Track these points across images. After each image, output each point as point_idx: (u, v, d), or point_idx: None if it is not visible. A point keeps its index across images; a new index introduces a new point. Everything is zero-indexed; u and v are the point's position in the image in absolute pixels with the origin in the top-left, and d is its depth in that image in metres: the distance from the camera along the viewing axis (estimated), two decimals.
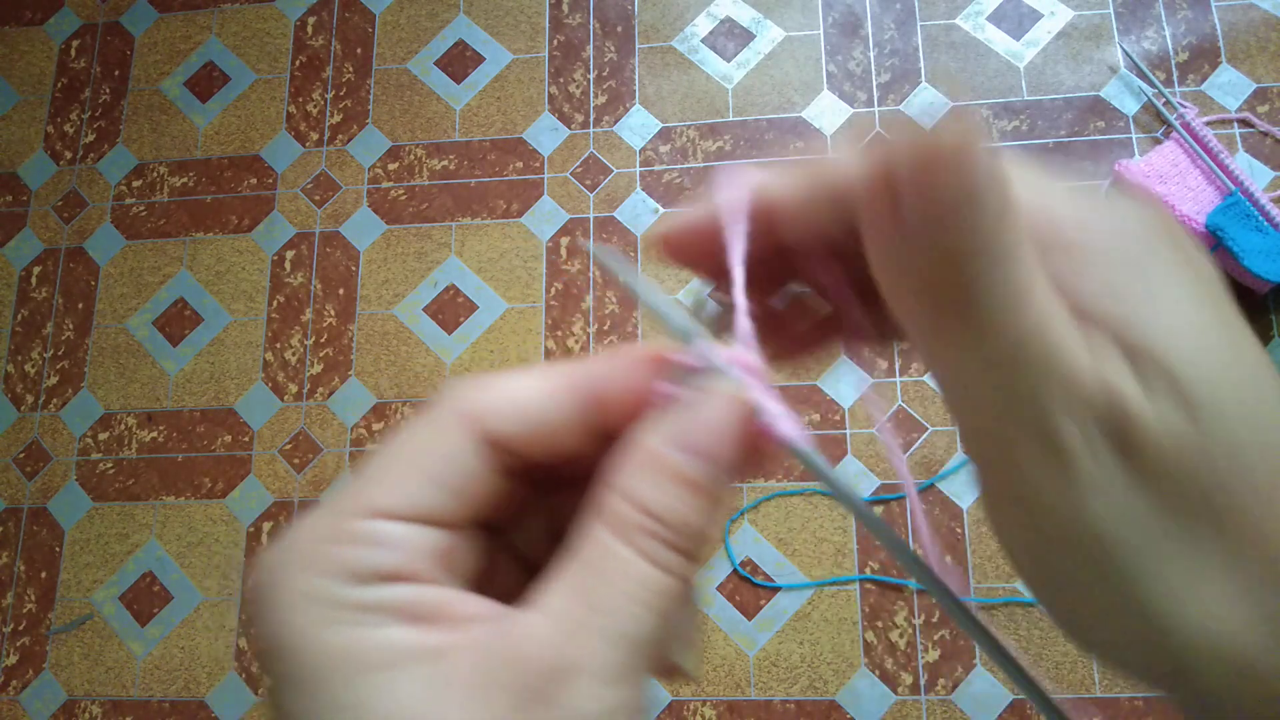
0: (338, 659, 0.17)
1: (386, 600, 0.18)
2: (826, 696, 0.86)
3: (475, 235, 1.04)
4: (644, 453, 0.19)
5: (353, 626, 0.17)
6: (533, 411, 0.20)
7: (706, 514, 0.19)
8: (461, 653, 0.17)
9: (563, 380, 0.20)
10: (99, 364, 1.06)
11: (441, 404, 0.20)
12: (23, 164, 1.15)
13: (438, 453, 0.19)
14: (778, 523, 0.91)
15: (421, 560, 0.19)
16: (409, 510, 0.19)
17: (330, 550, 0.18)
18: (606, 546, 0.18)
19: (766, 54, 1.05)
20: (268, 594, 0.18)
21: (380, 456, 0.20)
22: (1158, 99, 0.96)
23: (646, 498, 0.19)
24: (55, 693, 0.96)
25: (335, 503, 0.19)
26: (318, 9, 1.15)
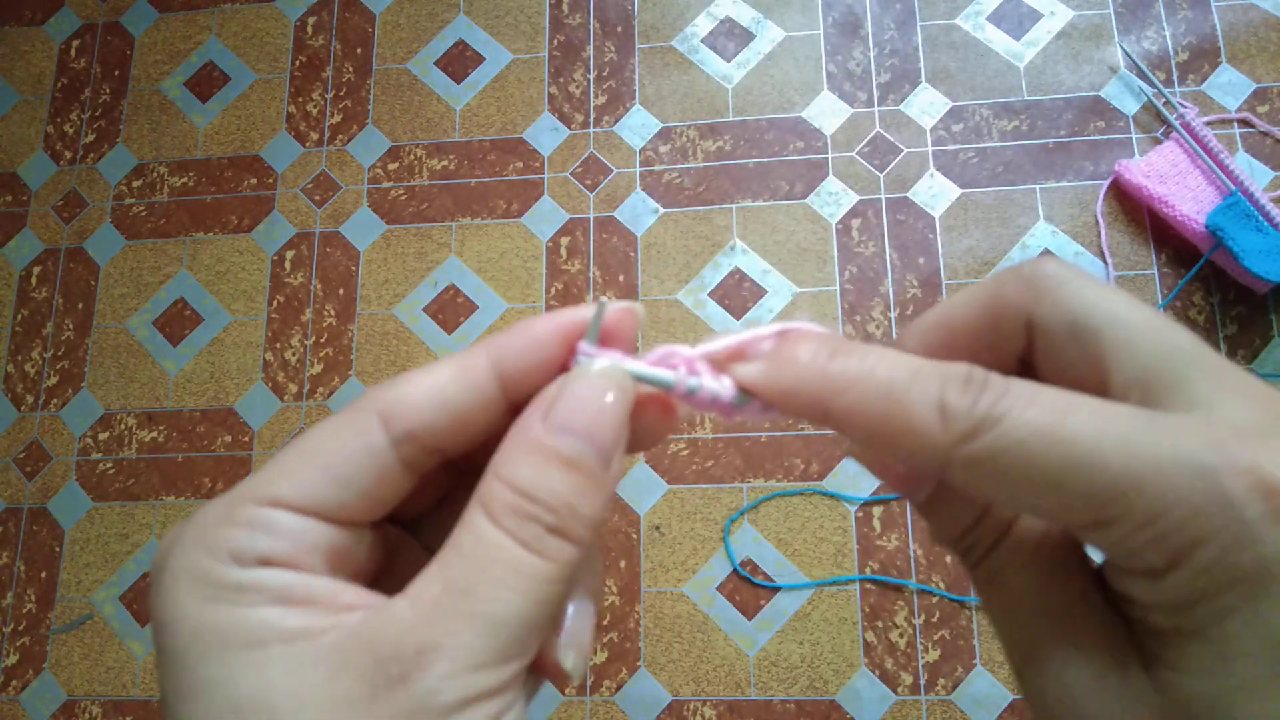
0: (208, 635, 0.17)
1: (262, 582, 0.18)
2: (826, 696, 0.86)
3: (475, 235, 1.04)
4: (521, 434, 0.19)
5: (228, 605, 0.17)
6: (447, 399, 0.20)
7: (587, 494, 0.19)
8: (327, 635, 0.17)
9: (472, 363, 0.20)
10: (99, 364, 1.06)
11: (358, 401, 0.20)
12: (23, 164, 1.15)
13: (342, 450, 0.19)
14: (778, 523, 0.91)
15: (307, 552, 0.19)
16: (302, 503, 0.19)
17: (219, 531, 0.18)
18: (477, 529, 0.18)
19: (766, 54, 1.05)
20: (158, 570, 0.18)
21: (290, 449, 0.20)
22: (1158, 99, 0.96)
23: (520, 478, 0.18)
24: (55, 693, 0.96)
25: (235, 490, 0.19)
26: (318, 9, 1.15)
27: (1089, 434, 0.16)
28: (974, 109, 1.01)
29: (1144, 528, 0.15)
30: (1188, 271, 0.91)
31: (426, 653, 0.17)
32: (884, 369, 0.18)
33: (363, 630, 0.18)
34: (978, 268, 0.96)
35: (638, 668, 0.89)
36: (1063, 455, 0.16)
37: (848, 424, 0.18)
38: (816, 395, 0.19)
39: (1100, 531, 0.16)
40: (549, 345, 0.20)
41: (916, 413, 0.17)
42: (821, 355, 0.19)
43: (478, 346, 0.21)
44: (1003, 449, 0.16)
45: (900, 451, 0.18)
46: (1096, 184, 0.96)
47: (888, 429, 0.18)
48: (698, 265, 0.99)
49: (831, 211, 0.99)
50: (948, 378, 0.18)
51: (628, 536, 0.92)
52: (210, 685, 0.17)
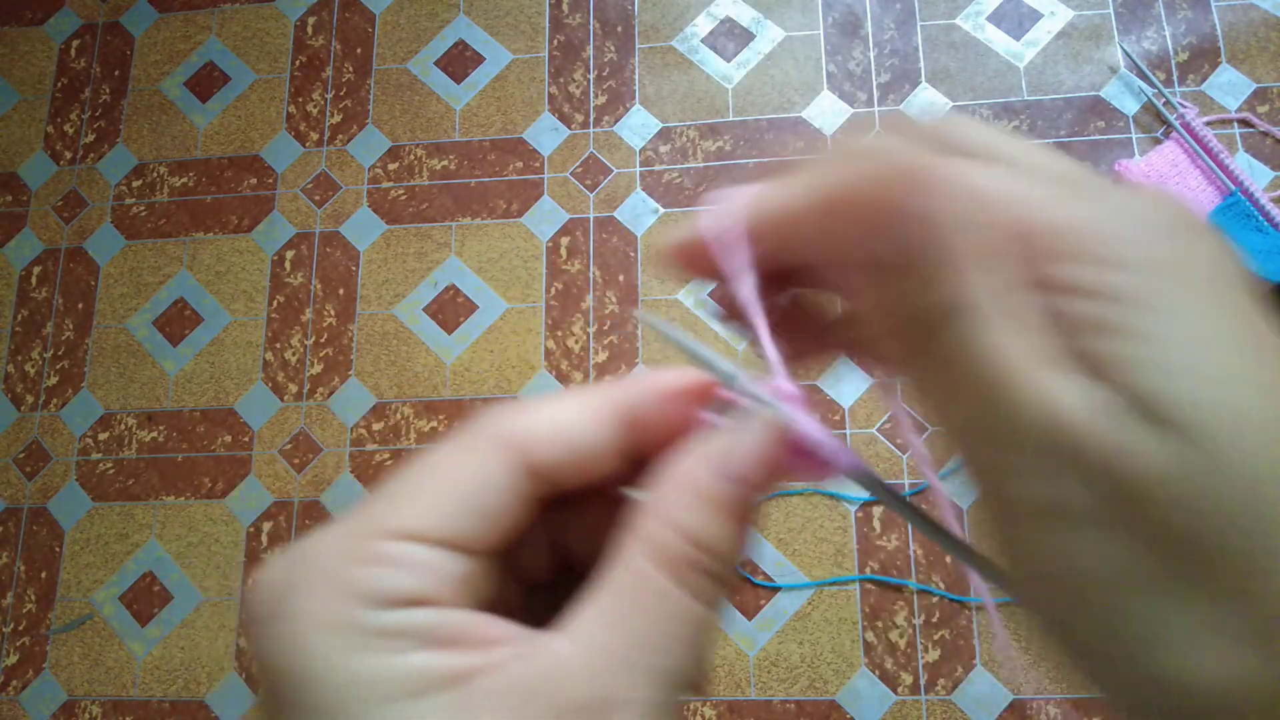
0: (361, 687, 0.16)
1: (410, 625, 0.17)
2: (826, 696, 0.86)
3: (475, 235, 1.04)
4: (687, 479, 0.19)
5: (375, 653, 0.16)
6: (575, 439, 0.19)
7: (744, 542, 0.19)
8: (490, 678, 0.17)
9: (601, 405, 0.20)
10: (99, 364, 1.06)
11: (479, 428, 0.19)
12: (23, 164, 1.15)
13: (472, 478, 0.19)
14: (778, 523, 0.91)
15: (445, 585, 0.18)
16: (435, 534, 0.18)
17: (349, 571, 0.17)
18: (646, 576, 0.18)
19: (766, 54, 1.06)
20: (277, 616, 0.17)
21: (407, 476, 0.19)
22: (1158, 99, 0.96)
23: (690, 525, 0.18)
24: (55, 693, 0.96)
25: (354, 521, 0.18)
26: (318, 9, 1.15)
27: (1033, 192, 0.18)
28: (974, 109, 1.01)
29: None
30: None
31: (610, 707, 0.16)
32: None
33: (531, 674, 0.17)
34: None
35: None
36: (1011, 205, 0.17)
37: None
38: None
39: None
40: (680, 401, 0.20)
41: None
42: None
43: (604, 389, 0.20)
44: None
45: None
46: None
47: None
48: None
49: None
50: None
51: None
52: None
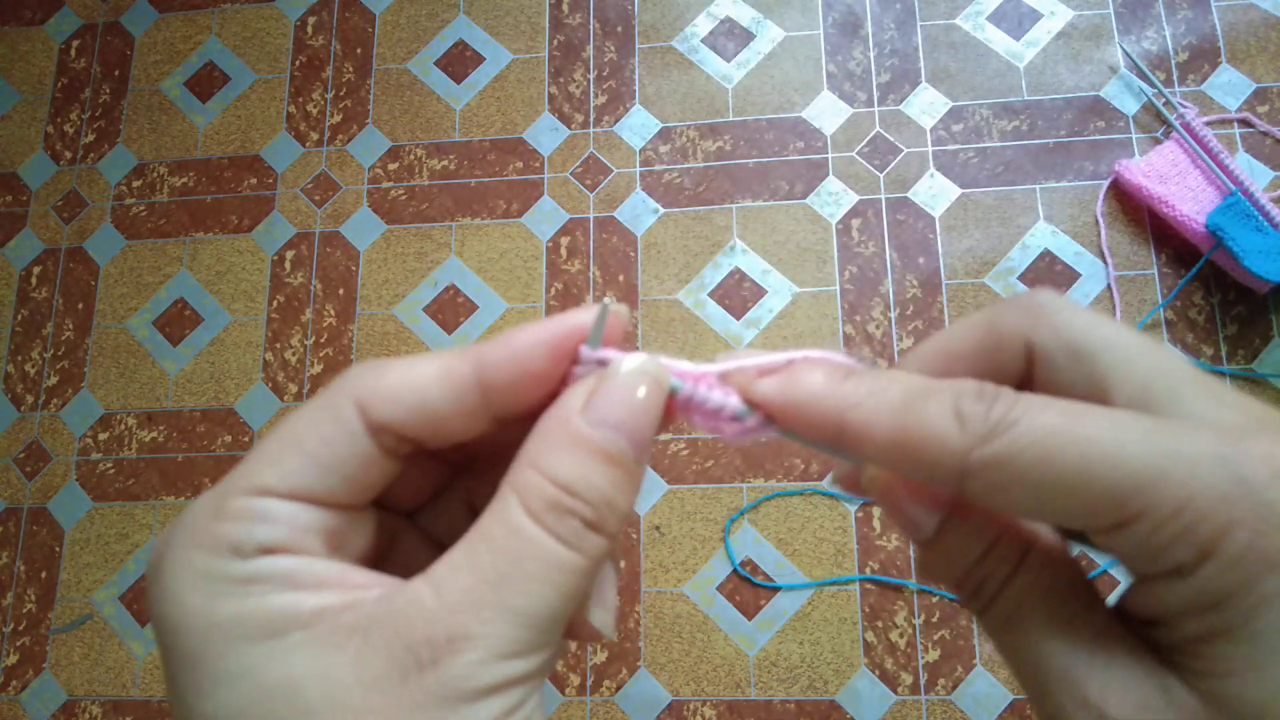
0: (224, 629, 0.17)
1: (269, 571, 0.18)
2: (826, 696, 0.86)
3: (475, 235, 1.04)
4: (559, 426, 0.19)
5: (238, 598, 0.17)
6: (417, 397, 0.20)
7: (624, 489, 0.19)
8: (345, 615, 0.17)
9: (456, 366, 0.20)
10: (99, 364, 1.06)
11: (334, 387, 0.20)
12: (23, 164, 1.15)
13: (321, 435, 0.19)
14: (778, 523, 0.91)
15: (305, 536, 0.19)
16: (291, 489, 0.19)
17: (213, 526, 0.18)
18: (512, 521, 0.18)
19: (766, 54, 1.05)
20: (156, 572, 0.18)
21: (269, 438, 0.20)
22: (1158, 99, 0.96)
23: (560, 470, 0.18)
24: (55, 693, 0.96)
25: (222, 484, 0.19)
26: (318, 9, 1.15)
27: (1106, 432, 0.16)
28: (974, 109, 1.01)
29: (1170, 520, 0.15)
30: (1188, 271, 0.91)
31: (458, 640, 0.17)
32: (897, 386, 0.19)
33: (386, 612, 0.18)
34: (978, 268, 0.96)
35: (638, 668, 0.89)
36: (1082, 452, 0.16)
37: (863, 437, 0.19)
38: (831, 411, 0.19)
39: (1124, 531, 0.16)
40: (536, 357, 0.20)
41: (933, 419, 0.18)
42: (836, 376, 0.20)
43: (463, 351, 0.21)
44: (1022, 448, 0.16)
45: (918, 463, 0.18)
46: (1096, 184, 0.96)
47: (904, 439, 0.18)
48: (698, 265, 0.99)
49: (831, 211, 0.99)
50: (961, 390, 0.18)
51: (628, 536, 0.92)
52: (234, 678, 0.17)
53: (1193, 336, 0.91)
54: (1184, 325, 0.91)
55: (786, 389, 0.20)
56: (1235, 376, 0.89)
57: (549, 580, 0.18)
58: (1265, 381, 0.88)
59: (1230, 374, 0.89)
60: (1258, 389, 0.88)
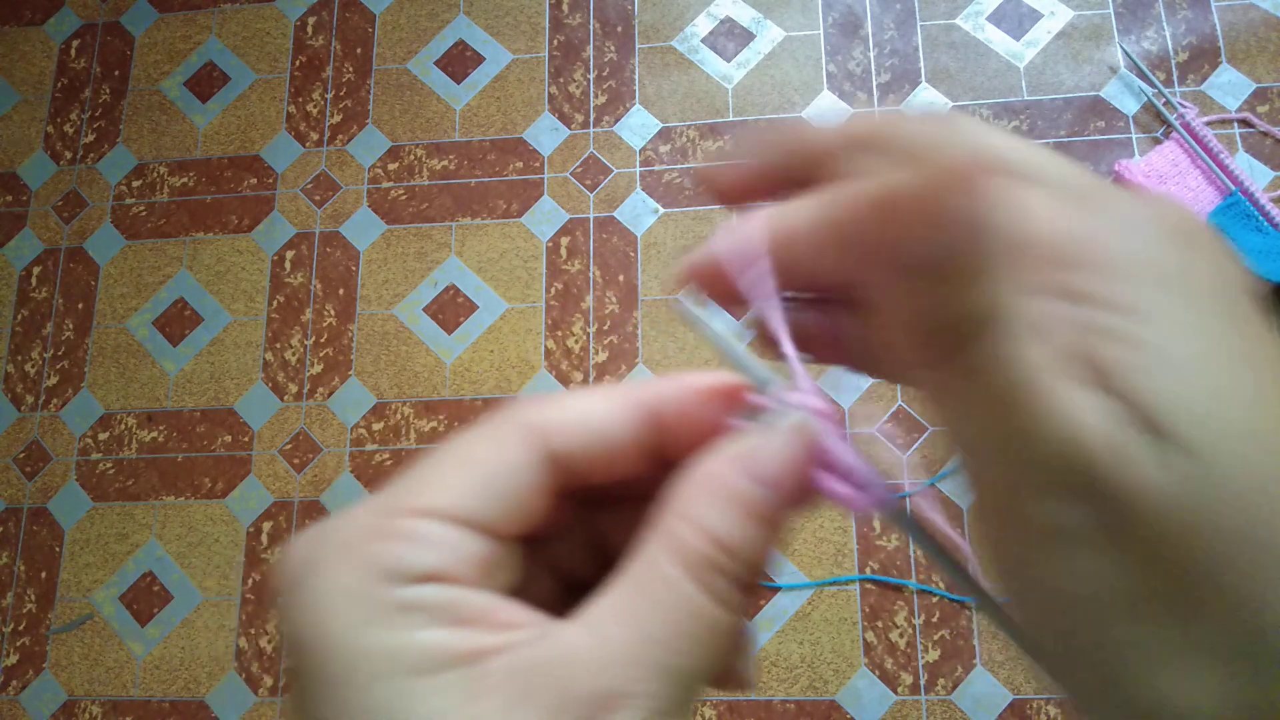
0: (373, 660, 0.16)
1: (426, 601, 0.17)
2: (826, 696, 0.86)
3: (475, 235, 1.04)
4: (713, 479, 0.19)
5: (390, 628, 0.17)
6: (597, 431, 0.20)
7: (770, 551, 0.19)
8: (499, 659, 0.17)
9: (628, 401, 0.20)
10: (99, 364, 1.06)
11: (505, 415, 0.20)
12: (23, 164, 1.15)
13: (495, 461, 0.19)
14: None
15: (464, 565, 0.18)
16: (457, 513, 0.18)
17: (371, 546, 0.17)
18: (666, 574, 0.18)
19: (766, 54, 1.06)
20: (301, 587, 0.17)
21: (433, 459, 0.19)
22: (1158, 99, 0.96)
23: (713, 525, 0.18)
24: (55, 693, 0.96)
25: (380, 499, 0.18)
26: (318, 9, 1.15)
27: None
28: (974, 109, 1.01)
29: None
30: None
31: (616, 699, 0.17)
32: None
33: (540, 661, 0.17)
34: None
35: None
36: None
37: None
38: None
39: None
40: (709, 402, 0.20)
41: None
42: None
43: (633, 386, 0.21)
44: None
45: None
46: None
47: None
48: None
49: None
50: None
51: None
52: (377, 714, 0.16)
53: None
54: None
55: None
56: None
57: (704, 640, 0.18)
58: None
59: None
60: None
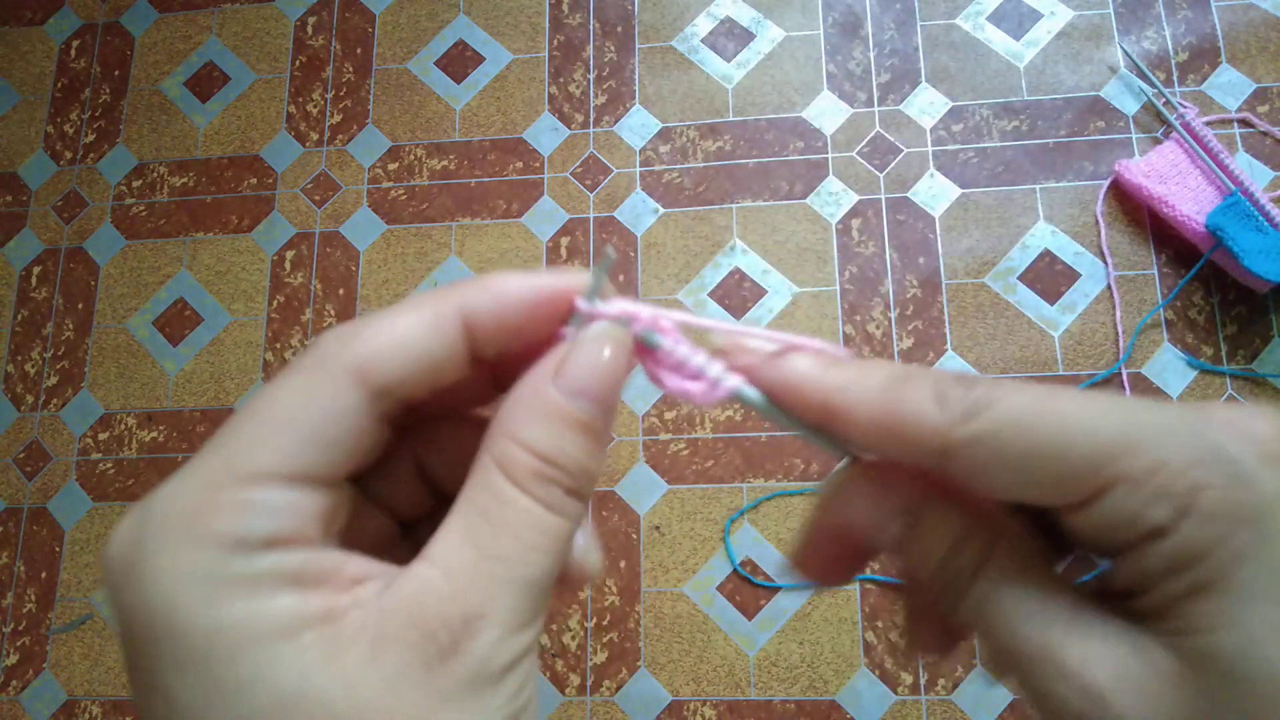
0: (230, 632, 0.16)
1: (274, 568, 0.17)
2: (826, 696, 0.86)
3: (475, 235, 1.04)
4: (536, 397, 0.19)
5: (242, 599, 0.16)
6: (415, 352, 0.19)
7: (597, 455, 0.19)
8: (358, 612, 0.17)
9: (440, 311, 0.20)
10: (99, 364, 1.06)
11: (317, 353, 0.19)
12: (23, 164, 1.15)
13: (316, 407, 0.18)
14: (778, 523, 0.91)
15: (305, 522, 0.18)
16: (289, 471, 0.18)
17: (208, 520, 0.17)
18: (502, 492, 0.18)
19: (766, 54, 1.05)
20: (134, 571, 0.17)
21: (250, 412, 0.18)
22: (1158, 99, 0.96)
23: (540, 443, 0.19)
24: (55, 693, 0.96)
25: (203, 466, 0.18)
26: (318, 9, 1.15)
27: (1079, 407, 0.17)
28: (974, 109, 1.01)
29: (1146, 481, 0.16)
30: (1188, 271, 0.91)
31: (474, 620, 0.17)
32: (881, 372, 0.19)
33: (397, 603, 0.17)
34: (978, 268, 0.96)
35: (638, 668, 0.89)
36: (1059, 424, 0.17)
37: (850, 418, 0.19)
38: (819, 393, 0.20)
39: (1102, 500, 0.17)
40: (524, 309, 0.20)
41: (916, 400, 0.18)
42: (821, 362, 0.21)
43: (444, 296, 0.20)
44: (1000, 424, 0.17)
45: (902, 440, 0.19)
46: (1096, 184, 0.96)
47: (889, 419, 0.19)
48: (698, 265, 0.99)
49: (831, 211, 0.99)
50: (939, 376, 0.19)
51: (628, 536, 0.92)
52: (246, 686, 0.16)
53: (1193, 336, 0.91)
54: (1184, 325, 0.91)
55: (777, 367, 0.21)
56: (1235, 376, 0.89)
57: (545, 547, 0.18)
58: (1265, 381, 0.88)
59: (1230, 374, 0.89)
60: (1258, 389, 0.88)
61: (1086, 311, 0.93)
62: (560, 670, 0.90)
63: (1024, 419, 0.17)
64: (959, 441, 0.18)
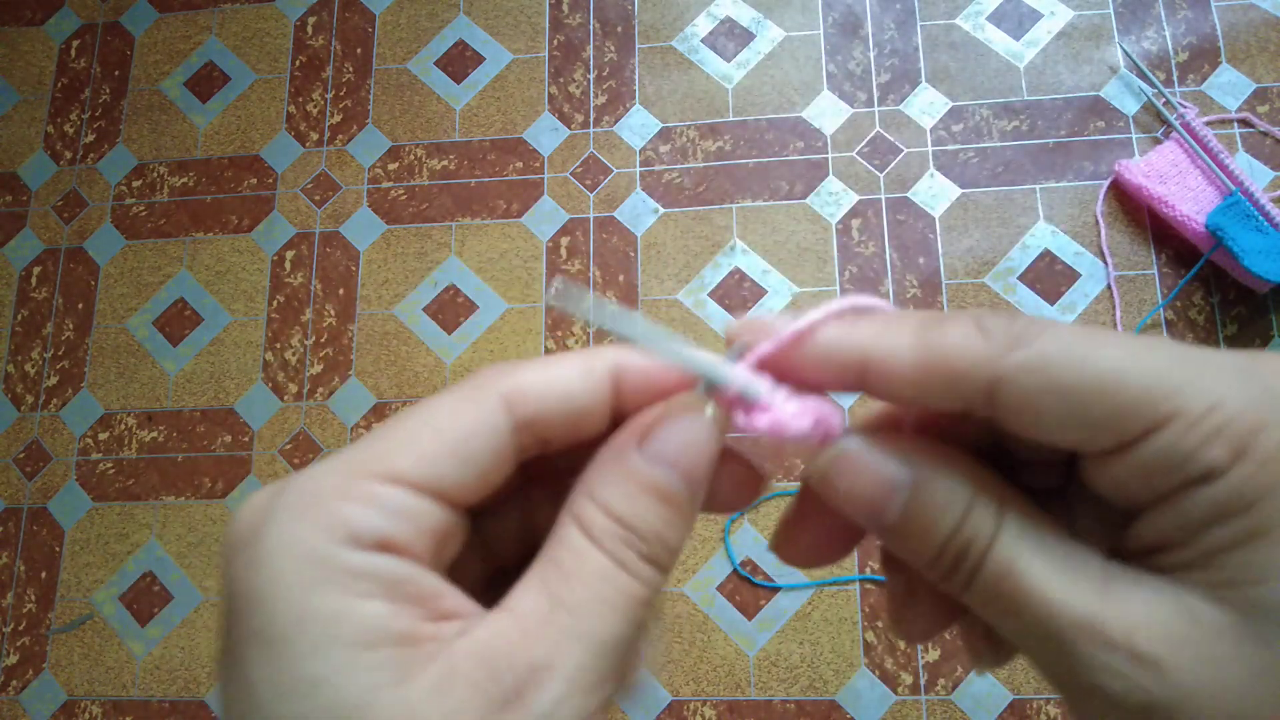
0: (314, 624, 0.16)
1: (378, 570, 0.17)
2: (826, 696, 0.86)
3: (475, 235, 1.04)
4: (618, 459, 0.19)
5: (339, 593, 0.16)
6: (565, 395, 0.19)
7: (675, 526, 0.19)
8: (433, 645, 0.17)
9: (595, 365, 0.20)
10: (99, 364, 1.06)
11: (476, 380, 0.19)
12: (23, 164, 1.15)
13: (465, 425, 0.18)
14: (777, 522, 0.91)
15: (420, 536, 0.18)
16: (421, 479, 0.18)
17: (335, 505, 0.17)
18: (577, 547, 0.18)
19: (766, 54, 1.05)
20: (254, 540, 0.17)
21: (403, 419, 0.18)
22: (1158, 99, 0.96)
23: (618, 507, 0.18)
24: (55, 693, 0.96)
25: (345, 458, 0.18)
26: (318, 9, 1.15)
27: (1127, 343, 0.16)
28: (974, 109, 1.01)
29: (1203, 420, 0.15)
30: (1188, 271, 0.91)
31: (540, 671, 0.17)
32: (910, 319, 0.18)
33: (469, 644, 0.17)
34: (978, 268, 0.96)
35: None
36: (1113, 357, 0.16)
37: (889, 368, 0.18)
38: (853, 351, 0.19)
39: (1151, 439, 0.16)
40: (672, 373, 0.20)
41: (958, 334, 0.17)
42: (845, 324, 0.19)
43: (603, 351, 0.20)
44: (1053, 355, 0.16)
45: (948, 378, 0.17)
46: (1096, 184, 0.96)
47: (931, 359, 0.18)
48: (698, 265, 0.99)
49: (831, 211, 0.99)
50: (975, 312, 0.18)
51: None
52: (313, 683, 0.16)
53: (1193, 336, 0.91)
54: (1184, 325, 0.91)
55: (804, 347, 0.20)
56: None
57: (618, 606, 0.18)
58: None
59: None
60: None
61: (1086, 312, 0.93)
62: None
63: (1075, 349, 0.16)
64: (1011, 369, 0.16)
